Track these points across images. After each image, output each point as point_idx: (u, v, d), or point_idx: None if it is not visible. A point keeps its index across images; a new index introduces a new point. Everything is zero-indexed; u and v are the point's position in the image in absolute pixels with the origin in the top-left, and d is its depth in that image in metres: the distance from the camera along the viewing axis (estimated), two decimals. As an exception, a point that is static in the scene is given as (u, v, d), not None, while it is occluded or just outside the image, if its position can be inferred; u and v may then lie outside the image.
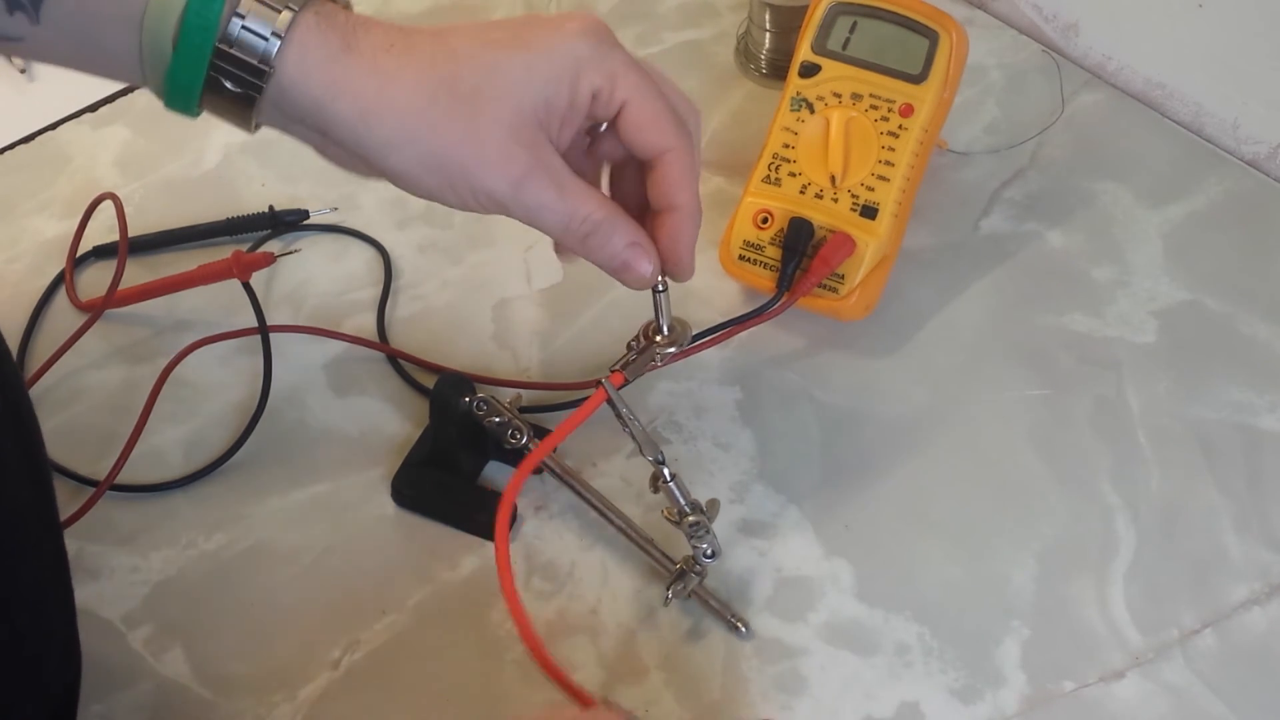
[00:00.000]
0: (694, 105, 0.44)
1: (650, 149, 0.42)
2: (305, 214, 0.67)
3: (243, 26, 0.38)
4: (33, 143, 0.73)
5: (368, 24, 0.39)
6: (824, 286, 0.58)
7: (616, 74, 0.41)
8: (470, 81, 0.39)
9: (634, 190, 0.45)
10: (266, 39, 0.38)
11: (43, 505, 0.45)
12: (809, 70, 0.60)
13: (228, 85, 0.39)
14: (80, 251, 0.66)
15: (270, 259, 0.63)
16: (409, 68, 0.39)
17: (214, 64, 0.38)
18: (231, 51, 0.38)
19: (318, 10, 0.39)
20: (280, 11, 0.38)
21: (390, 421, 0.59)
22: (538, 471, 0.55)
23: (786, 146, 0.60)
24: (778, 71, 0.73)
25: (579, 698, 0.49)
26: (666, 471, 0.48)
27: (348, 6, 0.41)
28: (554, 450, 0.54)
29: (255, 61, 0.38)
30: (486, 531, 0.54)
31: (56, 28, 0.38)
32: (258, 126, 0.41)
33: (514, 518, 0.54)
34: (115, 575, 0.54)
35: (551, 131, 0.41)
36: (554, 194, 0.40)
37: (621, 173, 0.47)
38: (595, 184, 0.45)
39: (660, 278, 0.48)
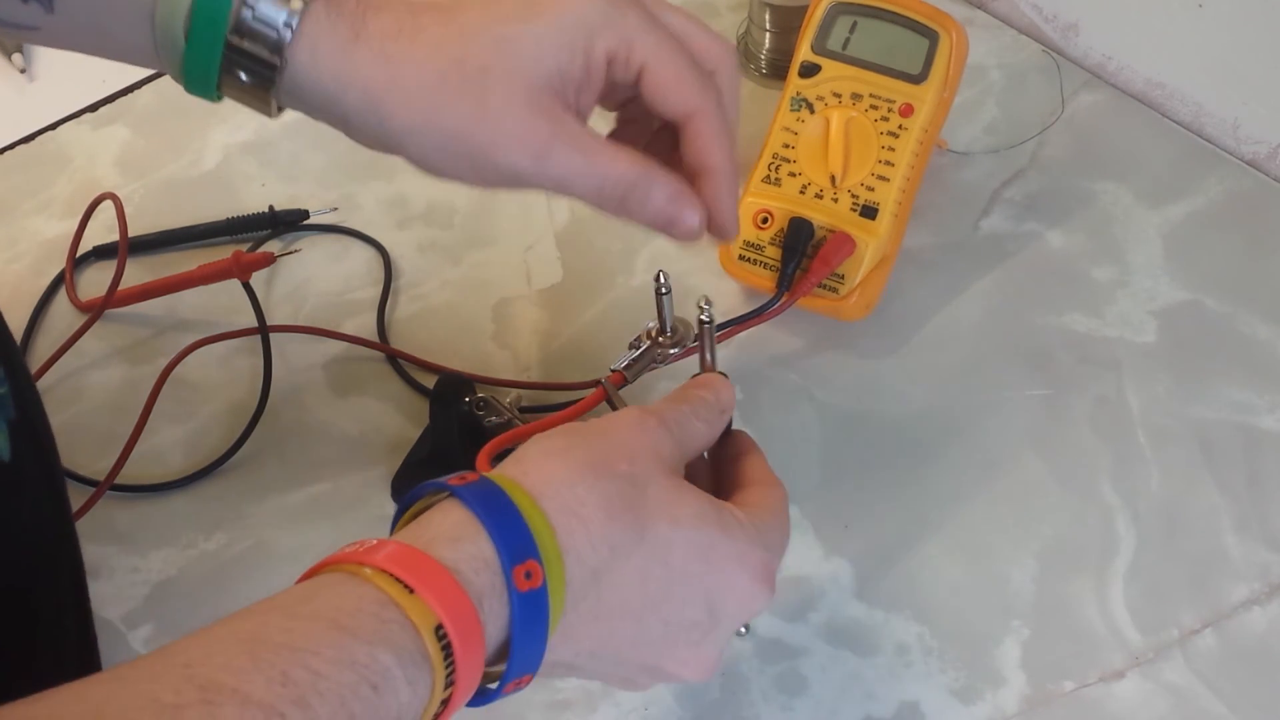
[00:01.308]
0: (727, 49, 0.42)
1: (674, 112, 0.41)
2: (305, 214, 0.67)
3: (254, 17, 0.37)
4: (33, 143, 0.73)
5: (377, 8, 0.39)
6: (824, 286, 0.58)
7: (632, 37, 0.39)
8: (479, 59, 0.38)
9: (669, 151, 0.44)
10: (277, 30, 0.37)
11: (60, 515, 0.45)
12: (809, 70, 0.60)
13: (242, 76, 0.39)
14: (80, 251, 0.66)
15: (270, 259, 0.63)
16: (417, 52, 0.38)
17: (226, 55, 0.38)
18: (243, 45, 0.38)
19: (326, 1, 0.38)
20: (290, 2, 0.37)
21: (390, 421, 0.59)
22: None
23: (786, 146, 0.60)
24: (778, 71, 0.73)
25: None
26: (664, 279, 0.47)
27: None
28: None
29: (266, 54, 0.38)
30: (486, 531, 0.54)
31: (71, 17, 0.38)
32: (280, 110, 0.40)
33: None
34: (115, 575, 0.54)
35: (569, 99, 0.40)
36: (580, 159, 0.39)
37: (658, 133, 0.45)
38: (636, 146, 0.44)
39: (663, 279, 0.48)
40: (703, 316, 0.44)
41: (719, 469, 0.45)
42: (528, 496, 0.35)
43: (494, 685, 0.34)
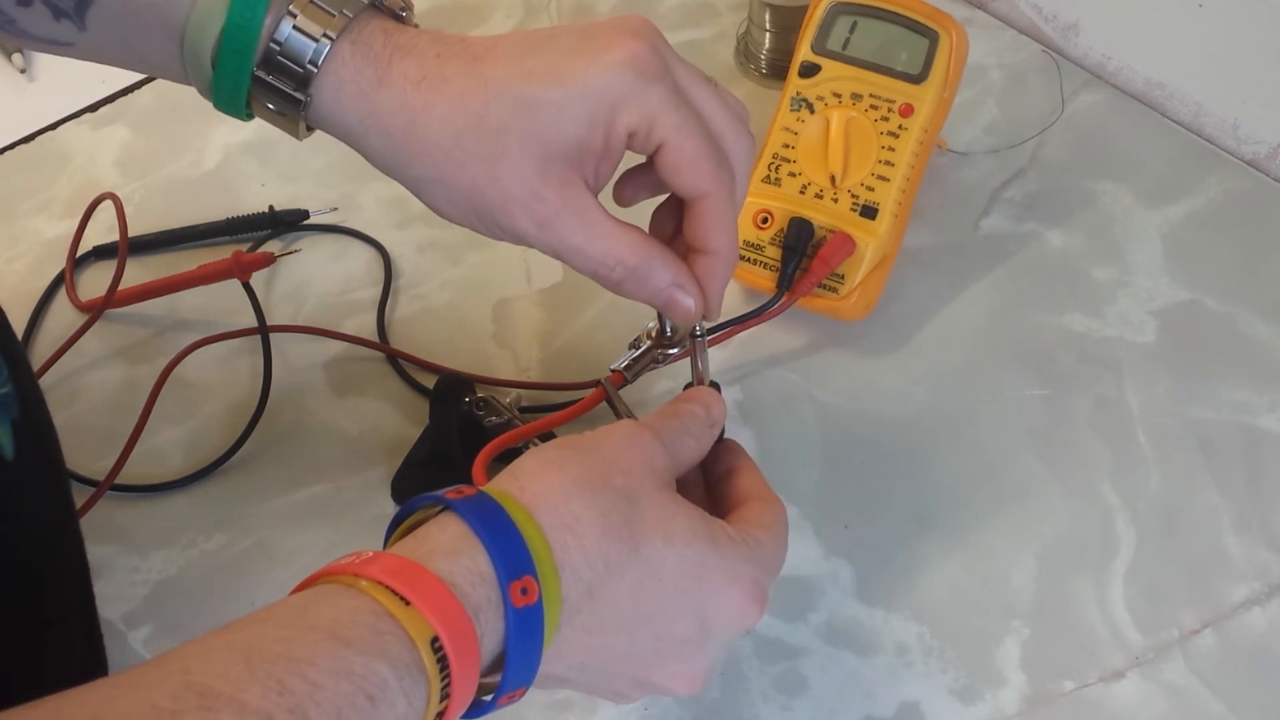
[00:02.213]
0: (745, 134, 0.42)
1: (687, 192, 0.40)
2: (305, 214, 0.67)
3: (280, 54, 0.38)
4: (33, 143, 0.73)
5: (404, 50, 0.39)
6: (824, 286, 0.58)
7: (655, 115, 0.38)
8: (497, 119, 0.38)
9: (677, 214, 0.43)
10: (304, 67, 0.38)
11: (65, 514, 0.45)
12: (809, 70, 0.60)
13: (269, 105, 0.39)
14: (80, 251, 0.66)
15: (270, 259, 0.63)
16: (439, 104, 0.38)
17: (253, 86, 0.39)
18: (269, 79, 0.38)
19: (354, 40, 0.38)
20: (317, 41, 0.38)
21: (390, 421, 0.59)
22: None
23: (786, 146, 0.60)
24: (778, 71, 0.73)
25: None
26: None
27: (404, 9, 0.41)
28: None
29: (292, 90, 0.38)
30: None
31: (103, 34, 0.39)
32: (309, 131, 0.41)
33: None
34: (115, 575, 0.54)
35: (587, 170, 0.39)
36: (582, 237, 0.39)
37: (670, 198, 0.45)
38: (656, 193, 0.44)
39: None
40: (694, 330, 0.45)
41: (714, 484, 0.45)
42: (524, 511, 0.35)
43: (489, 697, 0.34)
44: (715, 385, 0.49)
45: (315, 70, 0.38)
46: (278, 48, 0.38)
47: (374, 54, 0.38)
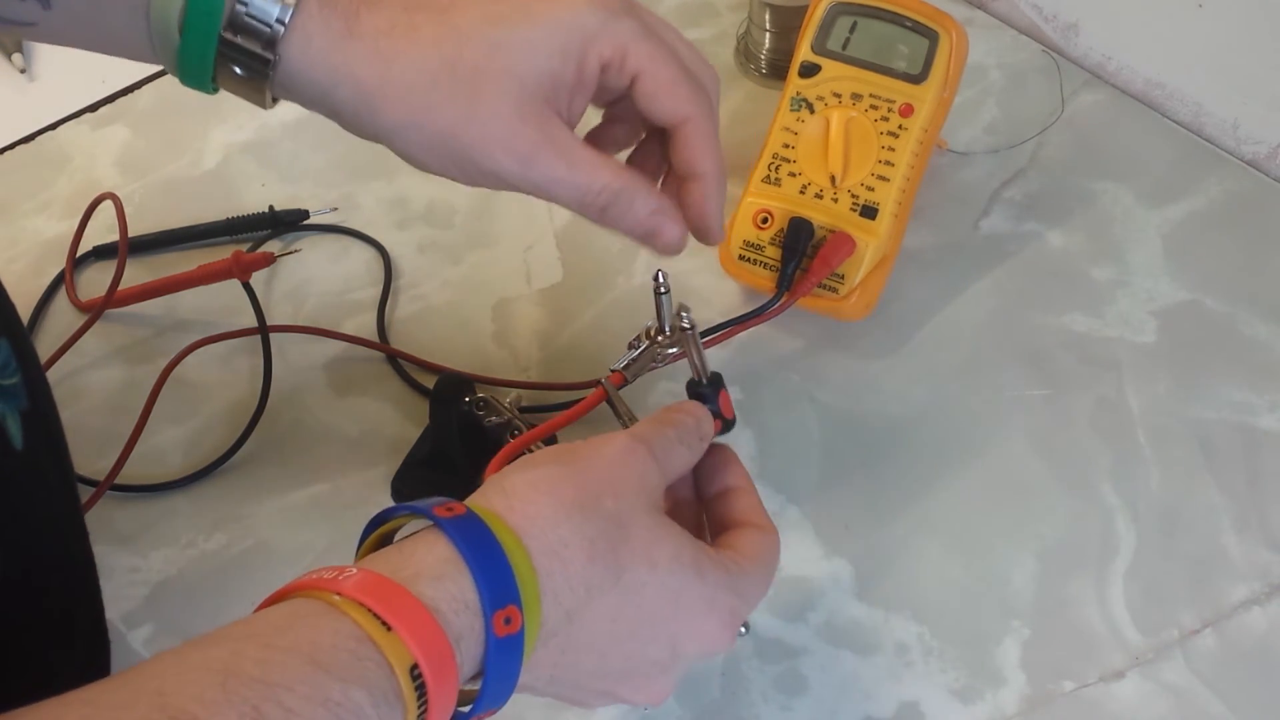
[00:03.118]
0: (711, 68, 0.43)
1: (668, 118, 0.41)
2: (305, 214, 0.67)
3: (247, 13, 0.37)
4: (32, 143, 0.73)
5: (372, 4, 0.39)
6: (824, 286, 0.58)
7: (627, 45, 0.39)
8: (471, 61, 0.38)
9: (657, 155, 0.45)
10: (270, 26, 0.38)
11: (72, 508, 0.45)
12: (809, 70, 0.60)
13: (236, 69, 0.39)
14: (80, 251, 0.66)
15: (270, 259, 0.63)
16: (410, 50, 0.38)
17: (220, 50, 0.38)
18: (236, 40, 0.38)
19: None
20: None
21: (390, 421, 0.59)
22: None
23: (786, 146, 0.60)
24: (778, 71, 0.73)
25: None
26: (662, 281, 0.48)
27: None
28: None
29: (259, 49, 0.38)
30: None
31: (68, 13, 0.38)
32: (275, 102, 0.41)
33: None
34: (115, 575, 0.54)
35: (560, 105, 0.40)
36: (564, 168, 0.40)
37: (643, 144, 0.46)
38: (623, 147, 0.45)
39: (662, 279, 0.48)
40: (683, 324, 0.45)
41: (709, 501, 0.44)
42: (513, 535, 0.34)
43: (465, 708, 0.34)
44: (718, 376, 0.48)
45: (283, 28, 0.38)
46: (244, 7, 0.37)
47: (341, 7, 0.38)
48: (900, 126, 0.58)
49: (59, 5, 0.38)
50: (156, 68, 0.74)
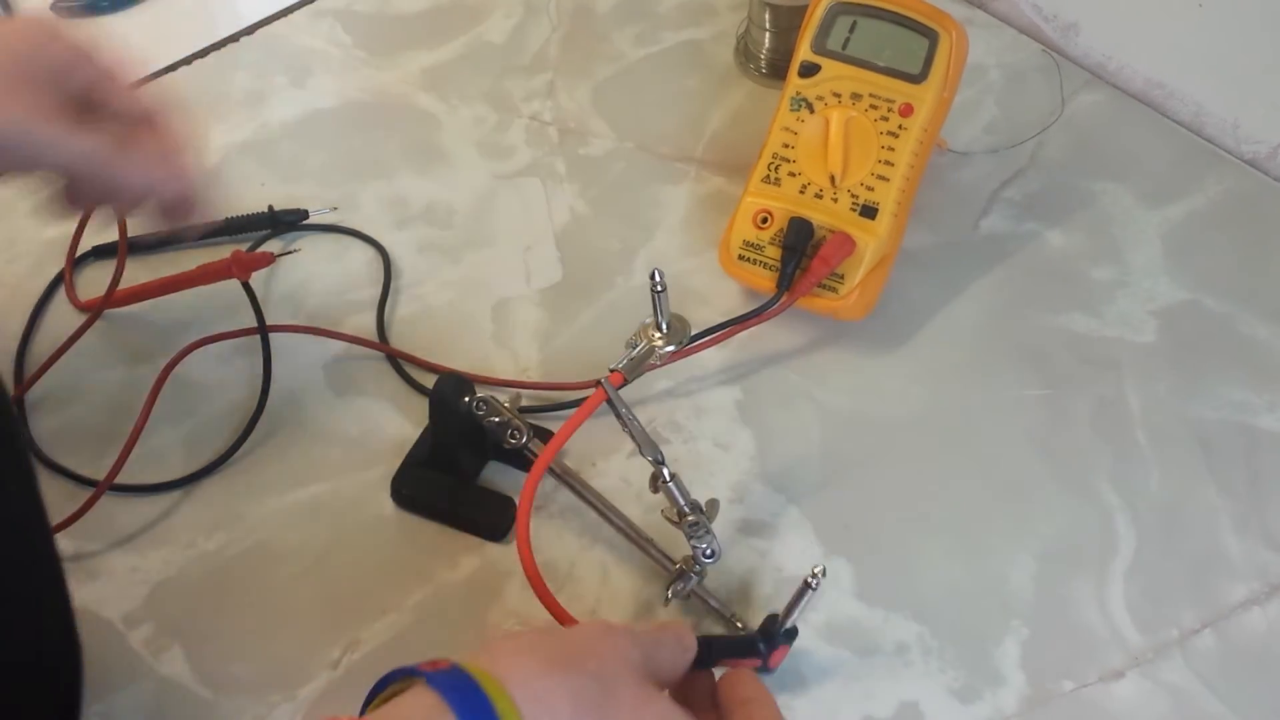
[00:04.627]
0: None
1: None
2: (305, 214, 0.67)
3: None
4: (32, 143, 0.73)
5: None
6: (824, 286, 0.58)
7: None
8: None
9: None
10: None
11: (35, 514, 0.45)
12: (809, 70, 0.60)
13: None
14: (80, 251, 0.66)
15: (270, 259, 0.62)
16: None
17: None
18: None
19: None
20: None
21: (390, 421, 0.59)
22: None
23: (786, 146, 0.60)
24: (777, 71, 0.73)
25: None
26: (666, 471, 0.48)
27: None
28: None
29: None
30: (486, 532, 0.54)
31: None
32: None
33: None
34: (115, 575, 0.54)
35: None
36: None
37: None
38: None
39: (659, 277, 0.48)
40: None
41: (728, 710, 0.44)
42: (497, 685, 0.35)
43: None
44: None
45: None
46: None
47: None
48: (900, 126, 0.58)
49: None
50: (155, 68, 0.75)
